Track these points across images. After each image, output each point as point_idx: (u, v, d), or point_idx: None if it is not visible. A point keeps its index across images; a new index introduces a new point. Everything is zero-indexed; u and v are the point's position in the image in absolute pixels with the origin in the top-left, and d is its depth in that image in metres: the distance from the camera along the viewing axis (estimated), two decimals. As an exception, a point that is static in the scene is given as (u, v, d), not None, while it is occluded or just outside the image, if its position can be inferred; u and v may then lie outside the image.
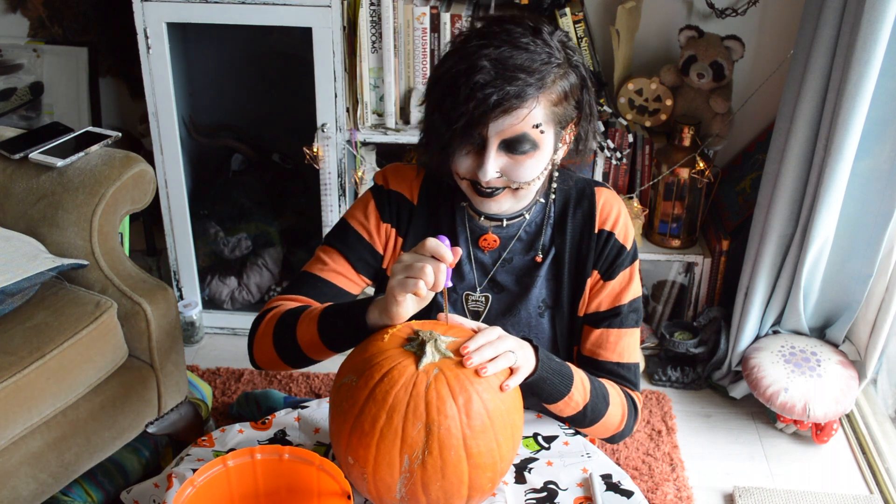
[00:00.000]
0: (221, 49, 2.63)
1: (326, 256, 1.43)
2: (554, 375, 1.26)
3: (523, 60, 1.20)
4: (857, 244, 2.10)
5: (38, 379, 1.65)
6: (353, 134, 2.33)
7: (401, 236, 1.44)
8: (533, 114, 1.22)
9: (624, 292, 1.40)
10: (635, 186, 2.46)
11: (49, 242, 1.83)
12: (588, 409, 1.32)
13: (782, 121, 2.10)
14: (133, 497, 1.35)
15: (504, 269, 1.42)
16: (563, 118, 1.28)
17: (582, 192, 1.42)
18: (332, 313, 1.28)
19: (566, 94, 1.26)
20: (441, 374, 1.11)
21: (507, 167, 1.26)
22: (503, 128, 1.22)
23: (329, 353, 1.31)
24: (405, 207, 1.43)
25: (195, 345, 2.59)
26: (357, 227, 1.43)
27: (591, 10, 2.40)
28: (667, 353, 2.46)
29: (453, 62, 1.23)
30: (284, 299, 1.41)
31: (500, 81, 1.19)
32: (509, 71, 1.19)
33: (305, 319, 1.30)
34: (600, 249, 1.40)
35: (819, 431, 2.20)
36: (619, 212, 1.41)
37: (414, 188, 1.44)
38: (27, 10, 2.80)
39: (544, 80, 1.22)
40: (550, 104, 1.24)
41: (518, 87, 1.19)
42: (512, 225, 1.41)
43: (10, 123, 2.73)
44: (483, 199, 1.31)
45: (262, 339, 1.37)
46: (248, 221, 2.66)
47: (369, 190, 1.46)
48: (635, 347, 1.44)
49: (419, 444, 1.09)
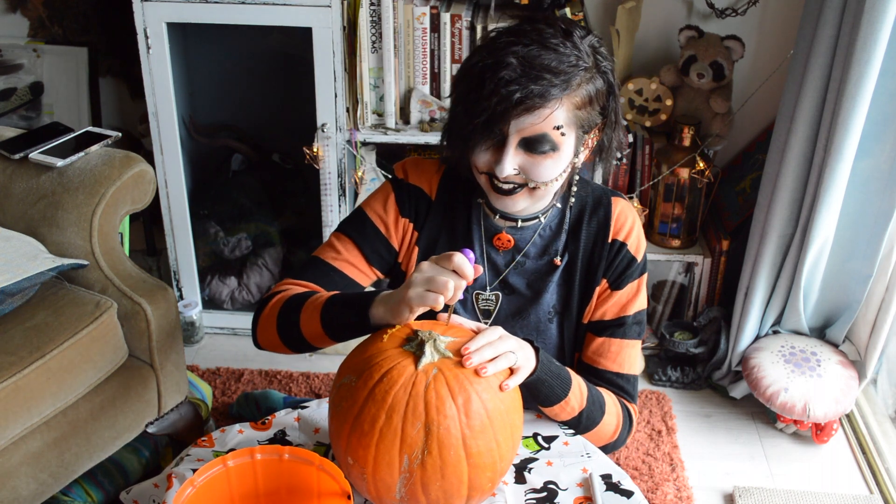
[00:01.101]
0: (221, 49, 2.63)
1: (340, 245, 1.42)
2: (553, 378, 1.26)
3: (550, 61, 1.20)
4: (857, 244, 2.09)
5: (38, 379, 1.65)
6: (353, 134, 2.33)
7: (417, 230, 1.43)
8: (555, 115, 1.22)
9: (630, 303, 1.40)
10: (635, 186, 2.46)
11: (49, 242, 1.83)
12: (583, 415, 1.33)
13: (782, 121, 2.10)
14: (133, 497, 1.35)
15: (516, 272, 1.42)
16: (587, 123, 1.28)
17: (598, 200, 1.42)
18: (337, 304, 1.27)
19: (591, 99, 1.26)
20: (440, 374, 1.11)
21: (526, 165, 1.26)
22: (524, 126, 1.22)
23: (331, 342, 1.31)
24: (423, 202, 1.43)
25: (195, 345, 2.59)
26: (375, 220, 1.43)
27: (591, 10, 2.40)
28: (667, 353, 2.46)
29: (481, 56, 1.24)
30: (292, 283, 1.41)
31: (525, 80, 1.19)
32: (535, 70, 1.19)
33: (310, 307, 1.29)
34: (611, 259, 1.40)
35: (819, 431, 2.20)
36: (634, 223, 1.41)
37: (433, 183, 1.43)
38: (27, 10, 2.80)
39: (570, 83, 1.21)
40: (574, 107, 1.24)
41: (543, 86, 1.19)
42: (527, 227, 1.40)
43: (10, 123, 2.73)
44: (500, 197, 1.31)
45: (267, 321, 1.36)
46: (248, 221, 2.66)
47: (389, 182, 1.45)
48: (636, 359, 1.44)
49: (418, 445, 1.09)
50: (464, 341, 1.16)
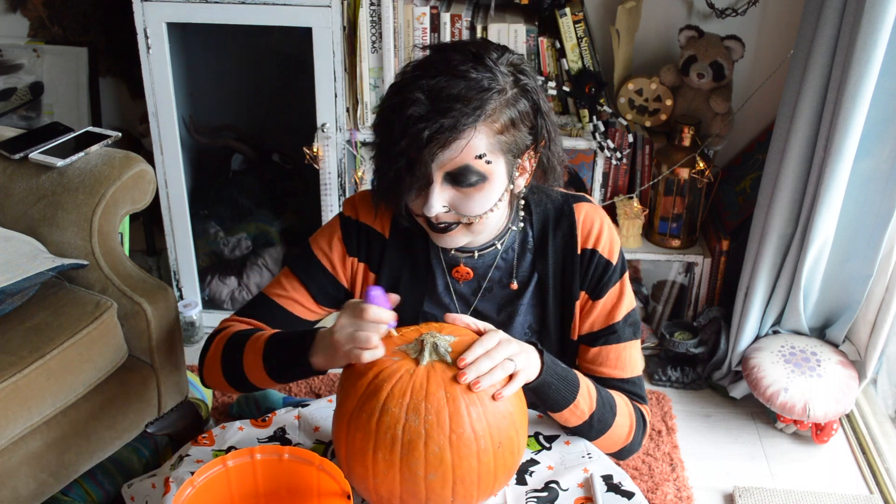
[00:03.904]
0: (221, 49, 2.63)
1: (287, 282, 1.40)
2: (559, 381, 1.23)
3: (460, 89, 1.13)
4: (857, 244, 2.09)
5: (38, 379, 1.65)
6: (353, 134, 2.33)
7: (373, 272, 1.39)
8: (473, 144, 1.15)
9: (616, 309, 1.36)
10: (635, 186, 2.46)
11: (49, 242, 1.82)
12: (594, 418, 1.28)
13: (782, 121, 2.10)
14: (132, 493, 1.35)
15: (485, 299, 1.38)
16: (515, 147, 1.21)
17: (560, 211, 1.36)
18: (277, 346, 1.25)
19: (513, 122, 1.19)
20: (440, 382, 1.11)
21: (455, 201, 1.21)
22: (444, 161, 1.16)
23: (275, 384, 1.30)
24: (377, 242, 1.38)
25: (195, 345, 2.58)
26: (321, 257, 1.39)
27: (591, 10, 2.40)
28: (667, 353, 2.46)
29: (389, 97, 1.19)
30: (237, 320, 1.39)
31: (434, 114, 1.12)
32: (444, 102, 1.12)
33: (251, 348, 1.28)
34: (585, 269, 1.35)
35: (819, 431, 2.20)
36: (602, 226, 1.35)
37: (385, 221, 1.38)
38: (27, 10, 2.79)
39: (483, 109, 1.14)
40: (495, 132, 1.17)
41: (453, 118, 1.12)
42: (486, 255, 1.36)
43: (10, 123, 2.73)
44: (439, 235, 1.26)
45: (212, 361, 1.35)
46: (248, 221, 2.66)
47: (337, 218, 1.40)
48: (637, 360, 1.39)
49: (420, 451, 1.09)
50: (468, 342, 1.16)
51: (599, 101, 2.25)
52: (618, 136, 2.35)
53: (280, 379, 1.28)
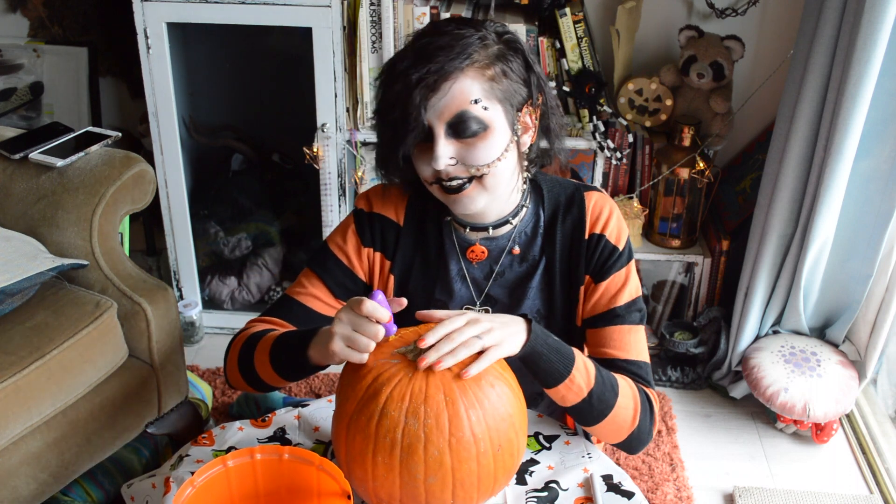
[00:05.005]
0: (221, 49, 2.63)
1: (306, 280, 1.41)
2: (551, 353, 1.20)
3: (445, 42, 1.19)
4: (857, 244, 2.10)
5: (38, 379, 1.65)
6: (353, 134, 2.33)
7: (388, 260, 1.41)
8: (465, 88, 1.19)
9: (620, 293, 1.35)
10: (635, 186, 2.46)
11: (49, 242, 1.83)
12: (594, 396, 1.23)
13: (782, 121, 2.10)
14: (132, 493, 1.35)
15: (497, 283, 1.39)
16: (511, 96, 1.24)
17: (571, 197, 1.38)
18: (282, 344, 1.27)
19: (504, 72, 1.23)
20: (440, 385, 1.11)
21: (461, 153, 1.23)
22: (440, 109, 1.20)
23: (286, 382, 1.31)
24: (391, 230, 1.40)
25: (195, 345, 2.59)
26: (337, 252, 1.41)
27: (591, 10, 2.40)
28: (667, 353, 2.46)
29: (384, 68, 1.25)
30: (259, 321, 1.40)
31: (421, 61, 1.18)
32: (429, 52, 1.19)
33: (262, 347, 1.29)
34: (591, 253, 1.35)
35: (819, 431, 2.20)
36: (611, 212, 1.37)
37: (400, 209, 1.40)
38: (27, 10, 2.80)
39: (468, 54, 1.19)
40: (487, 79, 1.21)
41: (439, 63, 1.18)
42: (500, 236, 1.37)
43: (10, 123, 2.72)
44: (453, 198, 1.27)
45: (231, 362, 1.36)
46: (248, 221, 2.66)
47: (351, 213, 1.43)
48: (643, 346, 1.36)
49: (419, 455, 1.09)
50: None
51: (599, 101, 2.25)
52: (618, 136, 2.35)
53: (287, 376, 1.28)
